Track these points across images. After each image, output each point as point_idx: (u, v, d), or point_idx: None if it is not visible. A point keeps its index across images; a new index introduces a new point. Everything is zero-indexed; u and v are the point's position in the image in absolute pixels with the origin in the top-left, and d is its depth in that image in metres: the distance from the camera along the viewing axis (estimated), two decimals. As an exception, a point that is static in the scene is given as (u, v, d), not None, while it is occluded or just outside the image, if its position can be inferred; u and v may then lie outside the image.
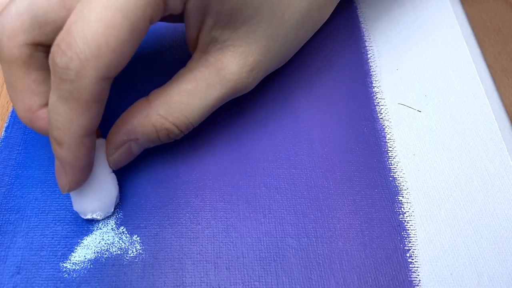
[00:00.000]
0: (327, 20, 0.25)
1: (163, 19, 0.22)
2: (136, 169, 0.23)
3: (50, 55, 0.17)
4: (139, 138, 0.21)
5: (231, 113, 0.25)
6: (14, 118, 0.25)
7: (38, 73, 0.20)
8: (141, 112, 0.21)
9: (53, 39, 0.18)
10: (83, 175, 0.20)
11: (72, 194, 0.21)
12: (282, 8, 0.21)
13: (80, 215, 0.22)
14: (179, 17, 0.21)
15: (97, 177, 0.21)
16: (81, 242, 0.21)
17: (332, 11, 0.24)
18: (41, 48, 0.19)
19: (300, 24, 0.22)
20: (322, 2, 0.23)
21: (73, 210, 0.22)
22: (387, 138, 0.25)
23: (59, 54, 0.17)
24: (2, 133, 0.25)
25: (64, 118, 0.18)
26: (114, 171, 0.22)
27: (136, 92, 0.23)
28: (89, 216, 0.21)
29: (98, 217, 0.22)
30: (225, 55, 0.21)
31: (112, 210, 0.22)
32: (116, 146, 0.21)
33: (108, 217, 0.22)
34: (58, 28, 0.19)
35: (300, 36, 0.23)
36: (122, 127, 0.21)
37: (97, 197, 0.21)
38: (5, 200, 0.22)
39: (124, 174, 0.23)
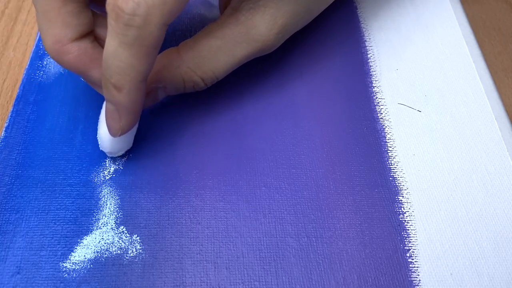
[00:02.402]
0: (327, 20, 0.25)
1: None
2: (136, 168, 0.23)
3: (110, 0, 0.17)
4: (167, 87, 0.22)
5: (230, 113, 0.25)
6: (14, 118, 0.25)
7: (74, 5, 0.20)
8: (172, 63, 0.22)
9: None
10: (136, 118, 0.21)
11: (103, 136, 0.22)
12: None
13: (109, 154, 0.23)
14: None
15: None
16: (81, 242, 0.21)
17: None
18: None
19: None
20: None
21: (73, 210, 0.22)
22: (387, 138, 0.25)
23: (124, 0, 0.17)
24: (2, 133, 0.25)
25: (126, 64, 0.18)
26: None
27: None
28: (119, 154, 0.23)
29: (122, 153, 0.23)
30: (255, 15, 0.22)
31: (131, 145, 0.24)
32: (146, 91, 0.22)
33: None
34: None
35: (321, 4, 0.24)
36: (153, 74, 0.22)
37: (132, 135, 0.23)
38: (5, 200, 0.22)
39: (124, 173, 0.23)
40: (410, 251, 0.21)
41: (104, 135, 0.22)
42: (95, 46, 0.21)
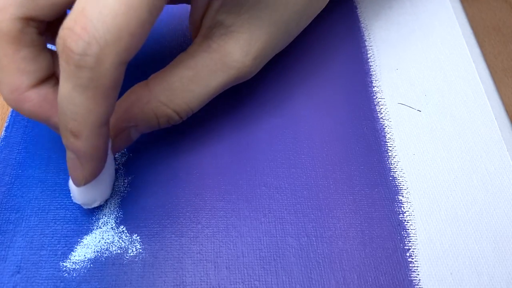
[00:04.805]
0: (327, 20, 0.25)
1: (170, 1, 0.21)
2: (136, 168, 0.23)
3: (60, 40, 0.16)
4: (138, 125, 0.21)
5: (231, 113, 0.25)
6: (14, 118, 0.25)
7: (28, 50, 0.18)
8: (141, 99, 0.20)
9: (46, 13, 0.18)
10: (100, 166, 0.19)
11: (71, 186, 0.21)
12: None
13: (84, 206, 0.21)
14: None
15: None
16: (81, 241, 0.21)
17: None
18: (33, 23, 0.18)
19: (302, 11, 0.22)
20: None
21: (73, 210, 0.22)
22: (387, 138, 0.25)
23: (73, 39, 0.15)
24: (2, 133, 0.25)
25: (82, 109, 0.16)
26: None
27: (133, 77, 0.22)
28: (94, 205, 0.21)
29: (101, 203, 0.22)
30: (228, 42, 0.20)
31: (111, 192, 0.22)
32: (116, 132, 0.21)
33: (108, 215, 0.22)
34: (52, 2, 0.18)
35: (301, 23, 0.23)
36: (121, 114, 0.20)
37: (105, 184, 0.21)
38: (5, 200, 0.22)
39: (124, 173, 0.23)
40: (410, 250, 0.21)
41: (73, 185, 0.20)
42: (56, 90, 0.19)
